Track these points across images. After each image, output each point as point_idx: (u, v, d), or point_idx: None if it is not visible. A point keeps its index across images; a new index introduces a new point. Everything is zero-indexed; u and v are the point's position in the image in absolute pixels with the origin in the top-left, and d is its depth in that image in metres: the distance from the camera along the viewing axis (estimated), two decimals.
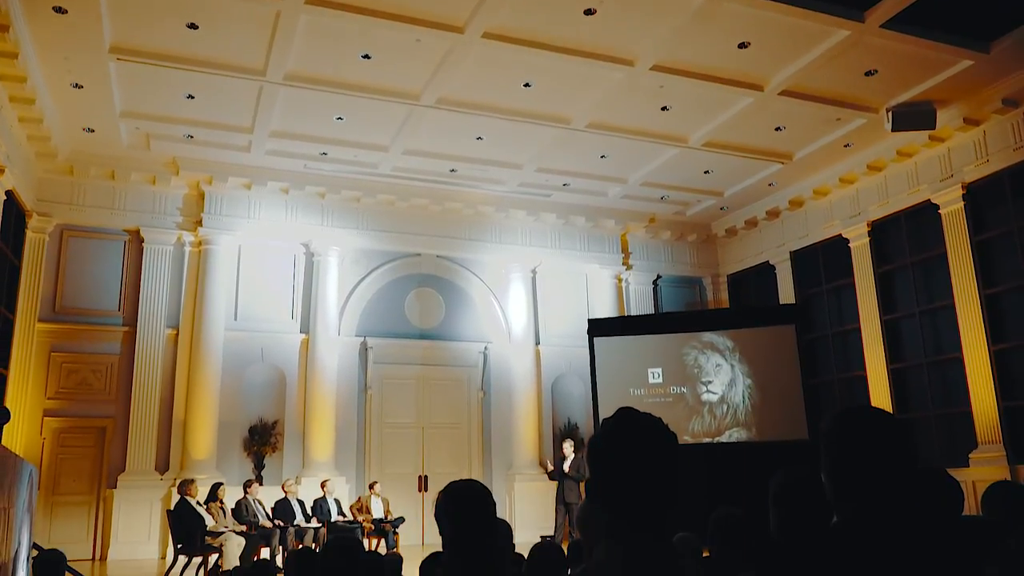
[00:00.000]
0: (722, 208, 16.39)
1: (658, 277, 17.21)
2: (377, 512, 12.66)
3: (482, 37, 10.04)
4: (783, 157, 13.89)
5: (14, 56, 9.80)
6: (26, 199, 12.45)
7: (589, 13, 9.61)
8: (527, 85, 11.37)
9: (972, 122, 12.00)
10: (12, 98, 10.81)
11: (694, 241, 17.41)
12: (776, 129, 12.82)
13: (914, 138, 12.68)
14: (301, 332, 14.34)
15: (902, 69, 11.04)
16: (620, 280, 16.79)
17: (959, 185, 12.39)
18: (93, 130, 12.45)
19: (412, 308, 15.33)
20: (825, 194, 14.76)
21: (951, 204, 12.53)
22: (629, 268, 16.84)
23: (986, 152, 12.07)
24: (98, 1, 9.20)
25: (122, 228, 13.62)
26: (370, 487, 13.11)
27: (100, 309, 13.34)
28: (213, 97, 11.55)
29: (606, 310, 16.22)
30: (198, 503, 10.92)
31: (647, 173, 14.53)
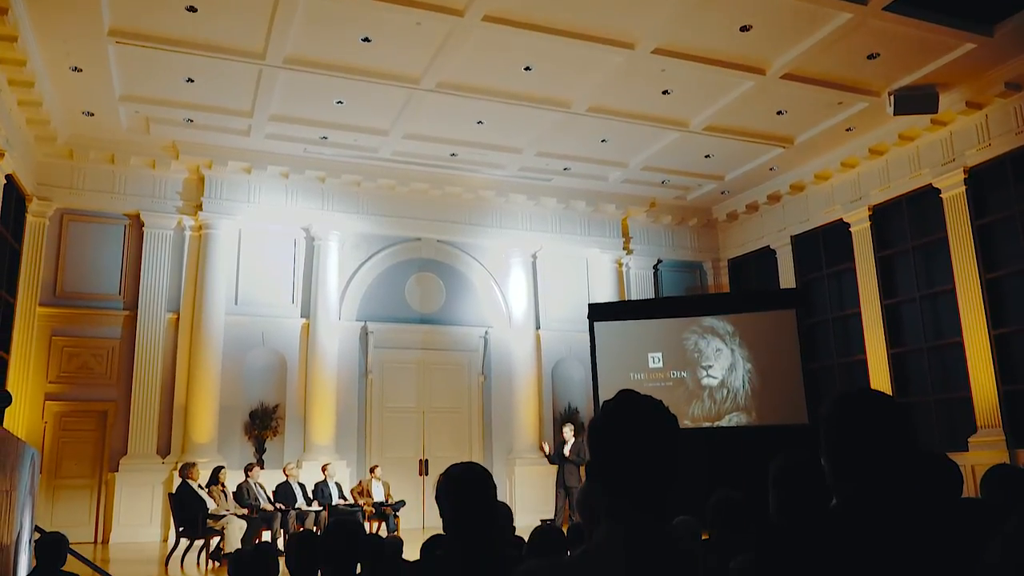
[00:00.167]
0: (723, 192, 16.37)
1: (659, 261, 17.20)
2: (378, 496, 12.71)
3: (482, 20, 9.99)
4: (784, 141, 13.85)
5: (13, 39, 9.76)
6: (26, 183, 12.43)
7: None
8: (527, 69, 11.33)
9: (974, 106, 11.96)
10: (11, 81, 10.78)
11: (695, 225, 17.39)
12: (777, 113, 12.78)
13: (916, 122, 12.64)
14: (302, 317, 14.35)
15: (904, 52, 10.99)
16: (620, 264, 16.78)
17: (961, 169, 12.36)
18: (92, 114, 12.42)
19: (412, 293, 15.33)
20: (826, 178, 14.73)
21: (953, 188, 12.50)
22: (630, 252, 16.82)
23: (988, 136, 12.04)
24: None
25: (122, 212, 13.61)
26: (371, 471, 13.15)
27: (101, 293, 13.35)
28: (213, 81, 11.51)
29: (606, 295, 16.22)
30: (199, 486, 10.97)
31: (648, 157, 14.50)
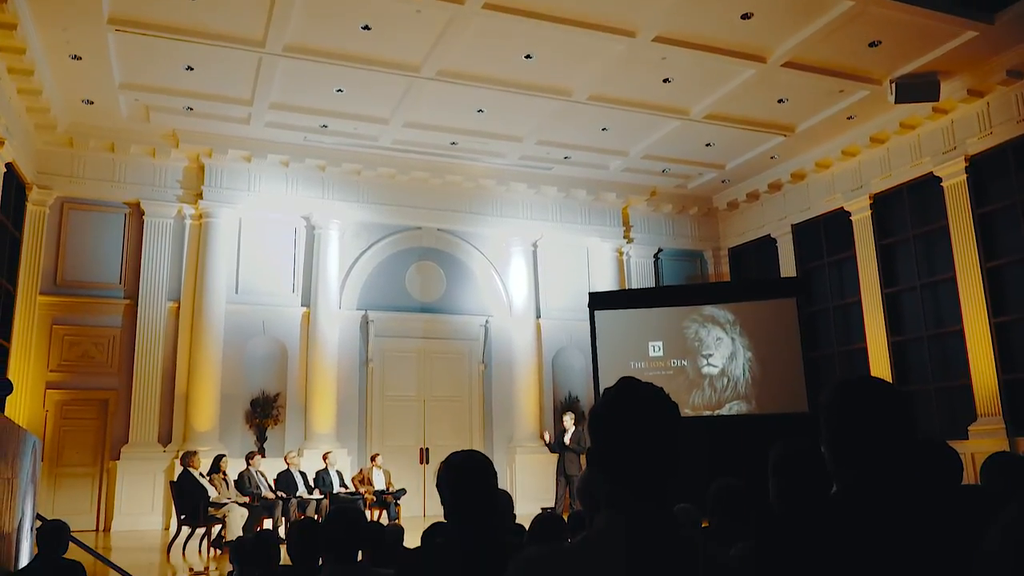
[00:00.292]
0: (724, 181, 16.34)
1: (659, 250, 17.19)
2: (379, 484, 12.75)
3: (483, 8, 9.95)
4: (785, 129, 13.82)
5: (13, 27, 9.73)
6: (26, 171, 12.42)
7: None
8: (528, 57, 11.30)
9: (976, 94, 11.93)
10: (11, 69, 10.76)
11: (695, 214, 17.37)
12: (779, 101, 12.75)
13: (917, 110, 12.61)
14: (302, 305, 14.35)
15: (906, 40, 10.95)
16: (621, 253, 16.78)
17: (962, 157, 12.34)
18: (92, 102, 12.39)
19: (413, 281, 15.33)
20: (827, 167, 14.71)
21: (954, 177, 12.48)
22: (630, 241, 16.81)
23: (990, 124, 12.01)
24: None
25: (122, 201, 13.60)
26: (372, 459, 13.18)
27: (101, 282, 13.35)
28: (212, 69, 11.48)
29: (607, 283, 16.22)
30: (201, 475, 10.99)
31: (648, 146, 14.47)
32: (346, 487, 12.48)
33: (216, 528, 10.59)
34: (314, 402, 13.90)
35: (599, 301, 14.75)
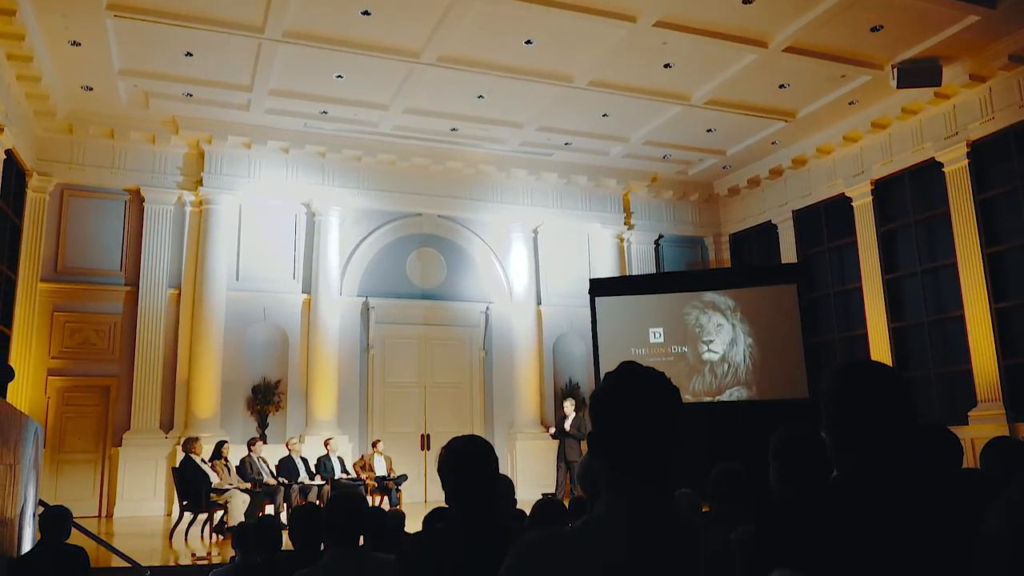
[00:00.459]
0: (724, 167, 16.31)
1: (660, 237, 17.17)
2: (380, 470, 12.78)
3: None
4: (786, 115, 13.78)
5: (12, 13, 9.70)
6: (26, 158, 12.40)
7: None
8: (528, 42, 11.25)
9: (978, 79, 11.89)
10: (10, 56, 10.72)
11: (696, 200, 17.34)
12: (780, 86, 12.71)
13: (919, 95, 12.57)
14: (303, 292, 14.36)
15: (908, 25, 10.90)
16: (622, 240, 16.76)
17: (964, 143, 12.31)
18: (92, 88, 12.35)
19: (413, 268, 15.32)
20: (828, 152, 14.67)
21: (955, 162, 12.45)
22: (631, 228, 16.79)
23: (992, 109, 11.98)
24: None
25: (122, 188, 13.58)
26: (373, 445, 13.22)
27: (102, 269, 13.35)
28: (212, 54, 11.44)
29: (608, 270, 16.21)
30: (203, 461, 11.02)
31: (649, 132, 14.44)
32: (347, 473, 12.51)
33: (218, 514, 10.62)
34: (315, 389, 13.92)
35: (600, 287, 14.74)
